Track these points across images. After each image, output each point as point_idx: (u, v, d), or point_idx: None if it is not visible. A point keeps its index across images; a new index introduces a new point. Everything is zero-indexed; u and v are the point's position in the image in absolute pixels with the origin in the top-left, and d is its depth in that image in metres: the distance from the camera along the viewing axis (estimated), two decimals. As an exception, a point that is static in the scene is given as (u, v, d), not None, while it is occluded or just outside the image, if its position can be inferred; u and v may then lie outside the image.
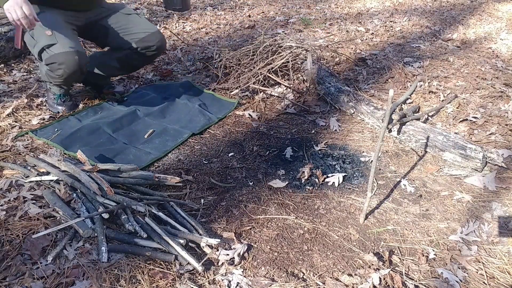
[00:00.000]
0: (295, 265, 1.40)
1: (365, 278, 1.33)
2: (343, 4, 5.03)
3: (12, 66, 3.00)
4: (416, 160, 1.98)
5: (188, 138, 2.16)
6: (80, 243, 1.43)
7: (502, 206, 1.66)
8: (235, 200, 1.72)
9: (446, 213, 1.65)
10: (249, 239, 1.51)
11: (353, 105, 2.36)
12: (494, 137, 2.10)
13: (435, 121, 2.31)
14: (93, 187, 1.55)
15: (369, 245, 1.49)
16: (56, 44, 1.87)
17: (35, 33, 1.89)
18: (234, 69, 2.86)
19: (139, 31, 2.20)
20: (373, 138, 2.18)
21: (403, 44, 3.55)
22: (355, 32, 3.90)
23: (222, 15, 4.54)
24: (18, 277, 1.29)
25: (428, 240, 1.51)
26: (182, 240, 1.43)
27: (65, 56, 1.87)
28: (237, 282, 1.30)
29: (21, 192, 1.65)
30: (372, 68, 3.03)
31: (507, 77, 2.76)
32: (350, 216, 1.64)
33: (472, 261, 1.41)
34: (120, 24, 2.21)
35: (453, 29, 3.92)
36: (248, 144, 2.13)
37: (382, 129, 1.56)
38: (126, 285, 1.29)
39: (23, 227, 1.48)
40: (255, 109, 2.49)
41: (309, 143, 2.14)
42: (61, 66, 1.90)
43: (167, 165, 1.96)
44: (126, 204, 1.53)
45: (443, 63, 3.06)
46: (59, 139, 2.07)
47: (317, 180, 1.83)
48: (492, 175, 1.82)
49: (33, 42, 1.92)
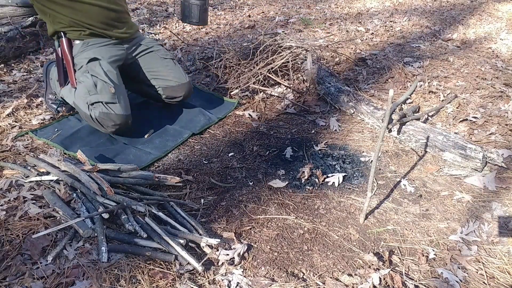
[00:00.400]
0: (295, 265, 1.40)
1: (365, 278, 1.33)
2: (343, 4, 5.03)
3: (12, 66, 3.00)
4: (416, 160, 1.98)
5: (188, 138, 2.16)
6: (80, 243, 1.43)
7: (502, 206, 1.66)
8: (235, 200, 1.72)
9: (446, 213, 1.65)
10: (249, 239, 1.51)
11: (353, 105, 2.36)
12: (494, 137, 2.10)
13: (435, 121, 2.31)
14: (93, 187, 1.55)
15: (369, 245, 1.49)
16: (117, 104, 1.92)
17: (98, 82, 1.92)
18: (234, 69, 2.86)
19: (171, 79, 2.17)
20: (373, 138, 2.18)
21: (403, 44, 3.55)
22: (355, 32, 3.90)
23: (222, 15, 4.54)
24: (18, 277, 1.29)
25: (428, 240, 1.51)
26: (182, 240, 1.43)
27: (122, 119, 1.96)
28: (237, 282, 1.30)
29: (21, 192, 1.65)
30: (372, 68, 3.03)
31: (507, 77, 2.76)
32: (350, 216, 1.64)
33: (472, 261, 1.41)
34: (153, 66, 2.19)
35: (453, 29, 3.92)
36: (248, 144, 2.13)
37: (382, 129, 1.56)
38: (126, 285, 1.29)
39: (23, 227, 1.48)
40: (255, 109, 2.49)
41: (309, 143, 2.14)
42: (115, 126, 1.97)
43: (167, 165, 1.96)
44: (126, 204, 1.53)
45: (443, 63, 3.06)
46: (59, 139, 2.07)
47: (317, 180, 1.83)
48: (492, 175, 1.82)
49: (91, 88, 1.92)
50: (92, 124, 2.02)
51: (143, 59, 2.19)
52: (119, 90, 1.98)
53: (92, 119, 1.97)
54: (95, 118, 1.95)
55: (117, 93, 1.95)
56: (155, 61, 2.19)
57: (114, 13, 2.06)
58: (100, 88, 1.92)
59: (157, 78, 2.19)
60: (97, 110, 1.93)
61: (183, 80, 2.19)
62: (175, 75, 2.17)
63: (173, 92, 2.19)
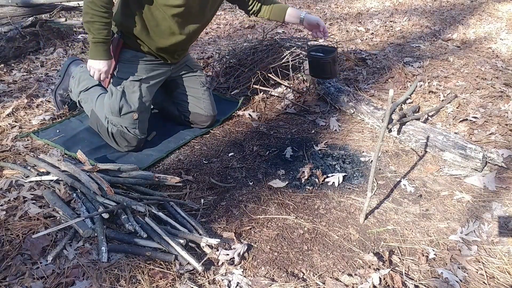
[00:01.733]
0: (295, 265, 1.40)
1: (365, 278, 1.33)
2: (343, 4, 5.03)
3: (12, 66, 3.00)
4: (416, 160, 1.98)
5: (191, 140, 2.16)
6: (80, 243, 1.43)
7: (502, 206, 1.66)
8: (235, 200, 1.72)
9: (446, 213, 1.65)
10: (249, 239, 1.51)
11: (353, 105, 2.36)
12: (494, 137, 2.10)
13: (435, 121, 2.31)
14: (93, 187, 1.55)
15: (369, 245, 1.49)
16: (136, 129, 1.97)
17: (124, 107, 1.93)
18: (234, 69, 2.86)
19: (202, 107, 2.18)
20: (373, 138, 2.18)
21: (403, 44, 3.55)
22: (355, 32, 3.90)
23: (222, 15, 4.54)
24: (18, 277, 1.29)
25: (428, 240, 1.51)
26: (182, 240, 1.43)
27: (137, 141, 2.00)
28: (237, 282, 1.30)
29: (21, 192, 1.65)
30: (372, 68, 3.03)
31: (507, 77, 2.76)
32: (350, 216, 1.64)
33: (472, 261, 1.41)
34: (191, 90, 2.19)
35: (453, 29, 3.92)
36: (248, 144, 2.13)
37: (382, 129, 1.56)
38: (126, 285, 1.29)
39: (23, 227, 1.48)
40: (255, 109, 2.49)
41: (309, 143, 2.14)
42: (128, 146, 2.01)
43: (167, 165, 1.96)
44: (126, 204, 1.53)
45: (443, 63, 3.06)
46: (61, 140, 2.06)
47: (317, 180, 1.83)
48: (492, 175, 1.82)
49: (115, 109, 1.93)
50: (106, 138, 2.03)
51: (185, 81, 2.19)
52: (143, 115, 1.98)
53: (108, 133, 1.99)
54: (111, 134, 1.98)
55: (140, 117, 1.96)
56: (194, 86, 2.19)
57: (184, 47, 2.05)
58: (123, 113, 1.93)
59: (189, 102, 2.19)
60: (115, 127, 1.96)
61: (211, 113, 2.21)
62: (206, 106, 2.19)
63: (198, 119, 2.22)
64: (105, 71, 1.83)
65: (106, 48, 1.79)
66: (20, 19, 3.94)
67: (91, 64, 1.81)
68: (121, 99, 1.92)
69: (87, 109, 2.14)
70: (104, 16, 1.70)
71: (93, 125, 2.09)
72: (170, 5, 1.75)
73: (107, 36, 1.76)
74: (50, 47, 3.40)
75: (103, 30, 1.72)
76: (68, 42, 3.56)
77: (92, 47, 1.78)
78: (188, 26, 1.90)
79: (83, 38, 3.69)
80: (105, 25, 1.72)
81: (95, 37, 1.73)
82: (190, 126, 2.27)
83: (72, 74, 2.24)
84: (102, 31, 1.72)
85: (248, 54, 2.88)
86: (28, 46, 3.26)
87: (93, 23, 1.70)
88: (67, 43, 3.54)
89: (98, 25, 1.70)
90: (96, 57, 1.79)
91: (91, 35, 1.73)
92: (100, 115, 2.01)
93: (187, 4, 1.77)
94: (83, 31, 3.92)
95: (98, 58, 1.79)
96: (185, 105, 2.20)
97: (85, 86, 2.16)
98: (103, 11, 1.68)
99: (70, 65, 2.30)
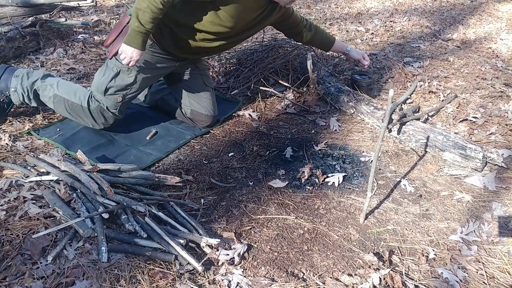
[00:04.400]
0: (295, 265, 1.40)
1: (365, 278, 1.33)
2: (343, 4, 5.03)
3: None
4: (416, 160, 1.98)
5: (191, 139, 2.16)
6: (80, 243, 1.43)
7: (502, 206, 1.66)
8: (235, 200, 1.72)
9: (446, 213, 1.65)
10: (249, 239, 1.51)
11: (353, 105, 2.36)
12: (494, 137, 2.10)
13: (435, 121, 2.31)
14: (93, 187, 1.55)
15: (369, 245, 1.49)
16: (116, 110, 2.02)
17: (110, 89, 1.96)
18: (234, 69, 2.86)
19: (204, 106, 2.19)
20: (373, 138, 2.18)
21: (403, 44, 3.55)
22: (355, 32, 3.90)
23: (222, 15, 4.53)
24: (18, 277, 1.29)
25: (428, 240, 1.51)
26: (182, 240, 1.43)
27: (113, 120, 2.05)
28: (237, 282, 1.30)
29: (21, 192, 1.65)
30: (372, 68, 3.03)
31: (507, 77, 2.76)
32: (350, 216, 1.64)
33: (472, 261, 1.41)
34: (195, 88, 2.20)
35: (453, 29, 3.92)
36: (248, 144, 2.13)
37: (382, 129, 1.56)
38: (126, 285, 1.29)
39: (23, 227, 1.48)
40: (255, 109, 2.49)
41: (309, 143, 2.14)
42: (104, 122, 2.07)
43: (167, 165, 1.96)
44: (126, 204, 1.53)
45: (443, 63, 3.06)
46: (61, 139, 2.07)
47: (317, 180, 1.83)
48: (492, 175, 1.82)
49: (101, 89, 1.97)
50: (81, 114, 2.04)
51: (188, 77, 2.20)
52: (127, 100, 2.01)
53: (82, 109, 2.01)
54: (88, 109, 2.00)
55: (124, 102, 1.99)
56: (199, 85, 2.20)
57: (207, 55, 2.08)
58: (108, 94, 1.95)
59: (191, 99, 2.20)
60: (95, 103, 1.97)
61: (212, 113, 2.22)
62: (207, 105, 2.20)
63: (198, 118, 2.22)
64: (135, 60, 1.81)
65: (144, 39, 1.78)
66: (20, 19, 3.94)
67: (125, 49, 1.79)
68: (111, 80, 1.94)
69: (46, 95, 2.09)
70: (158, 12, 1.69)
71: (59, 109, 2.09)
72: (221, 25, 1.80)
73: (151, 29, 1.75)
74: (50, 47, 3.39)
75: (150, 23, 1.71)
76: (68, 42, 3.56)
77: (133, 34, 1.75)
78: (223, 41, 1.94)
79: (83, 38, 3.69)
80: (154, 19, 1.71)
81: (139, 26, 1.71)
82: (189, 123, 2.27)
83: (15, 74, 2.13)
84: (148, 24, 1.71)
85: (248, 54, 2.88)
86: (28, 46, 3.26)
87: (145, 13, 1.68)
88: (67, 43, 3.54)
89: (148, 17, 1.69)
90: (133, 44, 1.76)
91: (136, 22, 1.71)
92: (67, 96, 2.02)
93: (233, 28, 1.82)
94: (83, 31, 3.92)
95: (134, 46, 1.77)
96: (186, 102, 2.20)
97: (38, 76, 2.11)
98: (160, 7, 1.67)
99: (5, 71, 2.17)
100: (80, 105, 2.00)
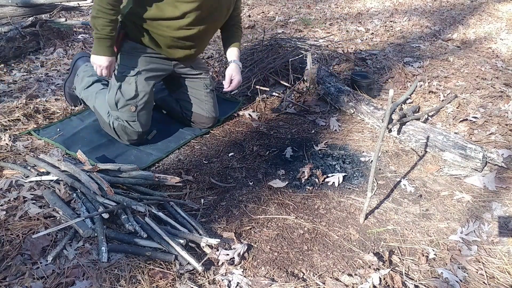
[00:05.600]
0: (295, 265, 1.40)
1: (365, 278, 1.33)
2: (343, 4, 5.03)
3: (12, 66, 3.00)
4: (416, 160, 1.98)
5: (191, 139, 2.16)
6: (80, 243, 1.43)
7: (502, 206, 1.66)
8: (235, 200, 1.72)
9: (446, 213, 1.65)
10: (249, 239, 1.51)
11: (353, 105, 2.36)
12: (494, 137, 2.10)
13: (435, 121, 2.31)
14: (93, 187, 1.55)
15: (369, 245, 1.49)
16: (136, 122, 1.98)
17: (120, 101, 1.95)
18: (234, 69, 2.85)
19: (204, 109, 2.19)
20: (373, 138, 2.18)
21: (403, 44, 3.55)
22: (355, 32, 3.90)
23: (222, 15, 4.53)
24: (18, 277, 1.29)
25: (428, 240, 1.51)
26: (182, 240, 1.43)
27: (138, 135, 2.03)
28: (237, 282, 1.30)
29: (21, 192, 1.65)
30: (372, 68, 3.03)
31: (507, 77, 2.76)
32: (350, 216, 1.64)
33: (472, 261, 1.41)
34: (194, 93, 2.19)
35: (453, 29, 3.92)
36: (248, 144, 2.13)
37: (382, 129, 1.56)
38: (126, 285, 1.29)
39: (23, 227, 1.48)
40: (255, 109, 2.49)
41: (309, 143, 2.14)
42: (129, 140, 2.05)
43: (167, 165, 1.96)
44: (126, 204, 1.53)
45: (443, 63, 3.06)
46: (61, 139, 2.07)
47: (317, 180, 1.83)
48: (492, 175, 1.82)
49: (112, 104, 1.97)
50: (109, 131, 2.06)
51: (188, 82, 2.19)
52: (142, 107, 1.97)
53: (110, 128, 2.02)
54: (113, 128, 2.01)
55: (139, 110, 1.97)
56: (198, 89, 2.19)
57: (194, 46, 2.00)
58: (120, 107, 1.95)
59: (191, 103, 2.20)
60: (116, 121, 1.98)
61: (213, 115, 2.23)
62: (209, 108, 2.20)
63: (199, 120, 2.23)
64: (105, 67, 1.83)
65: (108, 45, 1.80)
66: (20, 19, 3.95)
67: (93, 60, 1.82)
68: (117, 93, 1.94)
69: (90, 106, 2.18)
70: (110, 13, 1.71)
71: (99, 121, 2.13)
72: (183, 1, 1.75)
73: (110, 33, 1.77)
74: (50, 47, 3.40)
75: (107, 27, 1.73)
76: (68, 42, 3.56)
77: (95, 43, 1.79)
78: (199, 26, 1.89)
79: (83, 38, 3.69)
80: (109, 22, 1.73)
81: (98, 32, 1.74)
82: (190, 124, 2.27)
83: (77, 72, 2.27)
84: (105, 28, 1.73)
85: (248, 54, 2.88)
86: (28, 46, 3.26)
87: (98, 18, 1.71)
88: (67, 43, 3.54)
89: (102, 21, 1.71)
90: (99, 52, 1.80)
91: (95, 30, 1.75)
92: (100, 111, 2.05)
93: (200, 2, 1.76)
94: (83, 31, 3.92)
95: (100, 54, 1.80)
96: (187, 105, 2.21)
97: (87, 84, 2.19)
98: (109, 8, 1.69)
99: (78, 60, 2.33)
100: (108, 123, 2.02)
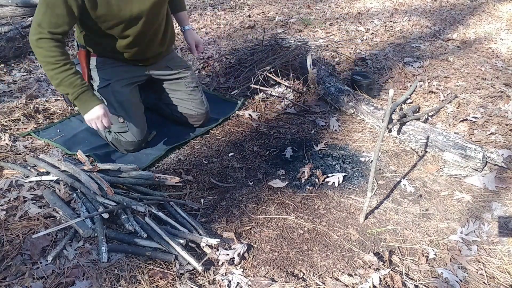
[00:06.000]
0: (295, 265, 1.40)
1: (365, 278, 1.33)
2: (343, 4, 5.03)
3: (12, 66, 3.00)
4: (416, 160, 1.98)
5: (191, 139, 2.16)
6: (80, 243, 1.43)
7: (502, 206, 1.66)
8: (235, 200, 1.72)
9: (446, 213, 1.65)
10: (249, 239, 1.51)
11: (353, 105, 2.36)
12: (494, 137, 2.10)
13: (435, 121, 2.31)
14: (93, 187, 1.55)
15: (369, 245, 1.49)
16: (128, 132, 1.94)
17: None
18: (234, 69, 2.85)
19: (191, 108, 2.17)
20: (373, 138, 2.18)
21: (403, 44, 3.55)
22: (355, 32, 3.90)
23: (222, 15, 4.53)
24: (18, 277, 1.29)
25: (428, 240, 1.51)
26: (182, 240, 1.43)
27: (133, 145, 1.99)
28: (237, 282, 1.30)
29: (21, 192, 1.65)
30: (372, 68, 3.03)
31: (507, 77, 2.76)
32: (350, 216, 1.64)
33: (472, 261, 1.41)
34: (177, 94, 2.16)
35: (453, 29, 3.92)
36: (248, 144, 2.13)
37: (382, 129, 1.56)
38: (126, 285, 1.29)
39: (23, 227, 1.48)
40: (255, 109, 2.49)
41: (309, 143, 2.14)
42: (127, 150, 2.02)
43: (167, 165, 1.96)
44: (126, 204, 1.53)
45: (443, 63, 3.06)
46: (61, 140, 2.07)
47: (317, 180, 1.83)
48: (492, 175, 1.82)
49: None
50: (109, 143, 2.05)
51: (168, 85, 2.16)
52: (130, 115, 1.93)
53: (107, 140, 2.03)
54: (110, 141, 2.01)
55: (128, 120, 1.92)
56: (180, 89, 2.17)
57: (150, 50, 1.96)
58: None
59: (178, 105, 2.19)
60: (109, 135, 1.98)
61: (202, 111, 2.20)
62: (195, 106, 2.18)
63: (191, 119, 2.22)
64: (103, 114, 1.72)
65: (90, 95, 1.69)
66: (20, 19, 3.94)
67: (88, 118, 1.71)
68: None
69: None
70: (66, 69, 1.60)
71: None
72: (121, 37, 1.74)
73: (83, 84, 1.65)
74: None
75: (75, 80, 1.63)
76: (68, 42, 3.56)
77: (78, 103, 1.68)
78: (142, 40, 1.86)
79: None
80: (73, 75, 1.62)
81: (74, 92, 1.64)
82: (186, 124, 2.26)
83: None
84: (74, 82, 1.62)
85: (248, 54, 2.88)
86: (28, 46, 3.25)
87: (61, 82, 1.60)
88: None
89: (67, 80, 1.61)
90: (88, 108, 1.68)
91: (69, 94, 1.64)
92: None
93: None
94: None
95: (90, 108, 1.68)
96: (174, 107, 2.19)
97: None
98: (61, 64, 1.58)
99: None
100: (105, 137, 2.02)
